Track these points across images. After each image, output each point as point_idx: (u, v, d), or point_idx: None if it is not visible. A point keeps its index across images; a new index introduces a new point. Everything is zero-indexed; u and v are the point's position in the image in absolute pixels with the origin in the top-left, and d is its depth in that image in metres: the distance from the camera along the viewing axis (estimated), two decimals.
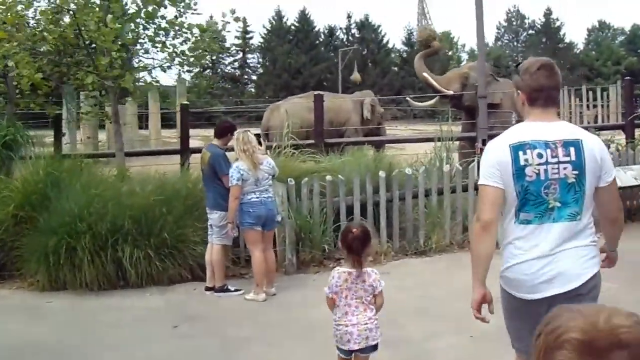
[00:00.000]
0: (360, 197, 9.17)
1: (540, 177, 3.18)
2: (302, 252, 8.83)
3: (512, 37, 72.30)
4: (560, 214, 3.20)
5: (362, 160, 9.84)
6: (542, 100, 3.28)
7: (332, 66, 59.27)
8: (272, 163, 7.76)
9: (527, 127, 3.30)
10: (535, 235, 3.23)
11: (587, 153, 3.18)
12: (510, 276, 3.32)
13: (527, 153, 3.17)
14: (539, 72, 3.30)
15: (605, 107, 32.70)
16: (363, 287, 4.21)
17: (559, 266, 3.19)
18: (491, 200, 3.26)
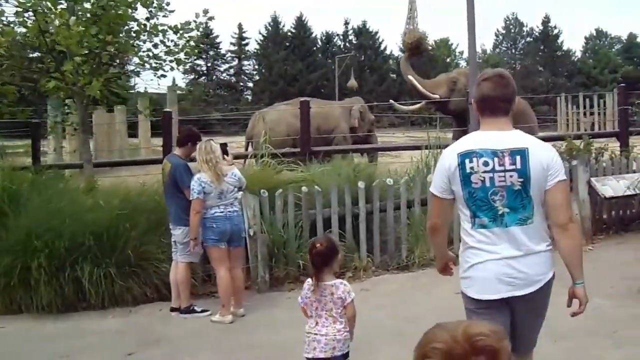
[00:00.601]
0: (339, 210, 8.69)
1: (485, 184, 3.30)
2: (276, 268, 8.35)
3: (510, 44, 71.67)
4: (511, 218, 3.32)
5: (343, 170, 9.34)
6: (488, 110, 3.40)
7: (329, 73, 58.78)
8: (238, 174, 7.27)
9: (477, 136, 3.42)
10: (492, 239, 3.35)
11: (533, 161, 3.28)
12: (469, 278, 3.44)
13: (473, 161, 3.30)
14: (484, 84, 3.43)
15: (602, 115, 32.54)
16: (332, 299, 4.21)
17: (519, 270, 3.31)
18: (437, 207, 3.54)
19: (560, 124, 33.38)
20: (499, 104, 3.41)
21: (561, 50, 68.51)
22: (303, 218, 8.61)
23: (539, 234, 3.38)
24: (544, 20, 68.63)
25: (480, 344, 1.44)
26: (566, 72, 65.93)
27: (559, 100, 36.05)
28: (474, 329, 1.47)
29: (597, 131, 25.73)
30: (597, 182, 9.76)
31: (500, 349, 1.46)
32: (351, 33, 66.30)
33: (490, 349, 1.44)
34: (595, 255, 9.02)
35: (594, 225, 9.92)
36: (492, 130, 3.38)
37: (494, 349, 1.45)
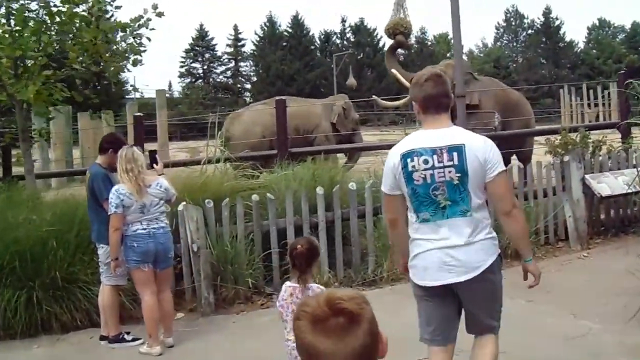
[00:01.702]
0: (295, 219, 7.65)
1: (426, 180, 3.48)
2: (223, 288, 7.31)
3: (511, 37, 70.87)
4: (452, 210, 3.49)
5: (305, 174, 8.27)
6: (432, 108, 3.56)
7: (328, 72, 58.01)
8: (164, 185, 6.20)
9: (418, 136, 3.59)
10: (435, 230, 3.53)
11: (469, 156, 3.44)
12: (416, 265, 3.61)
13: (414, 160, 3.49)
14: (427, 83, 3.57)
15: (606, 105, 31.53)
16: None
17: (460, 257, 3.47)
18: (389, 205, 3.77)
19: (564, 116, 32.33)
20: (442, 100, 3.58)
21: (563, 41, 67.79)
22: (254, 230, 7.58)
23: (478, 224, 3.52)
24: (545, 12, 67.97)
25: (338, 306, 1.58)
26: (569, 63, 64.94)
27: (562, 92, 35.12)
28: (335, 294, 1.63)
29: (594, 123, 24.60)
30: (593, 180, 8.67)
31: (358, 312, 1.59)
32: (349, 31, 65.33)
33: (348, 312, 1.57)
34: (590, 263, 7.94)
35: (590, 228, 8.84)
36: (432, 128, 3.56)
37: (351, 311, 1.58)
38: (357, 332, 1.56)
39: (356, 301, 1.61)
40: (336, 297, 1.60)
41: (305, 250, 4.12)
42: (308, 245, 4.19)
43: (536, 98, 49.42)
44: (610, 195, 8.56)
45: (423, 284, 3.60)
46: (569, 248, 8.56)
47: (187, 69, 63.05)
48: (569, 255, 8.34)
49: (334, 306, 1.57)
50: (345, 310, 1.57)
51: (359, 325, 1.57)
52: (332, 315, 1.56)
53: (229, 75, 64.77)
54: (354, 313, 1.57)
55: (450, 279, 3.50)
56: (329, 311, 1.57)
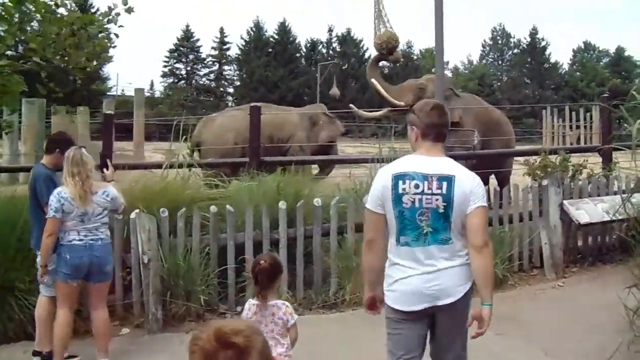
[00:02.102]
0: (255, 234, 7.17)
1: (415, 205, 3.54)
2: (173, 304, 6.81)
3: (497, 55, 71.01)
4: (434, 238, 3.56)
5: (270, 186, 7.80)
6: (432, 136, 3.65)
7: (312, 80, 57.62)
8: (112, 193, 5.67)
9: (412, 160, 3.65)
10: (415, 256, 3.57)
11: (457, 188, 3.53)
12: (395, 290, 3.63)
13: (405, 183, 3.56)
14: (432, 112, 3.67)
15: (588, 128, 31.31)
16: (273, 320, 4.05)
17: (438, 283, 3.53)
18: (372, 223, 3.69)
19: (546, 137, 32.10)
20: (443, 130, 3.69)
21: (548, 62, 68.03)
22: (210, 243, 7.09)
23: (457, 251, 3.59)
24: (532, 32, 68.16)
25: (226, 340, 1.62)
26: (553, 84, 65.15)
27: (545, 113, 34.90)
28: (223, 328, 1.66)
29: (575, 145, 24.36)
30: (571, 206, 8.26)
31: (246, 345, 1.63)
32: (335, 40, 64.97)
33: (236, 345, 1.62)
34: (565, 293, 7.52)
35: (566, 255, 8.43)
36: (427, 155, 3.63)
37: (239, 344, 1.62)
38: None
39: (244, 334, 1.65)
40: (224, 332, 1.64)
41: (268, 266, 4.07)
42: (271, 261, 4.14)
43: (519, 117, 49.37)
44: (588, 222, 8.16)
45: (403, 308, 3.61)
46: (543, 276, 8.13)
47: (170, 69, 62.46)
48: (543, 284, 7.91)
49: (222, 340, 1.62)
50: (234, 344, 1.62)
51: (248, 357, 1.62)
52: (221, 349, 1.61)
53: (212, 78, 64.19)
54: (241, 346, 1.62)
55: (430, 303, 3.54)
56: (217, 345, 1.62)
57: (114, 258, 6.56)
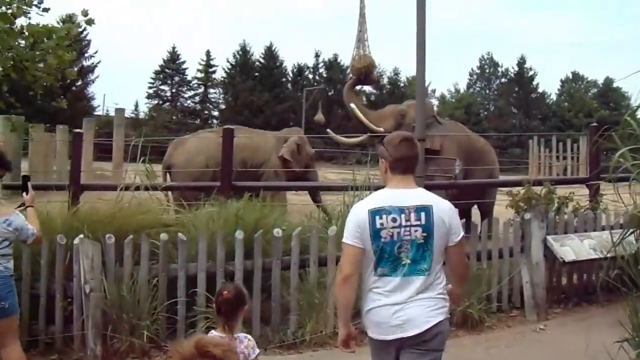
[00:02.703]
0: (208, 265, 6.54)
1: (393, 238, 3.54)
2: (115, 338, 6.17)
3: (484, 84, 70.45)
4: (411, 269, 3.56)
5: (230, 213, 7.17)
6: (401, 168, 3.67)
7: (297, 106, 57.08)
8: (16, 223, 4.94)
9: (386, 194, 3.67)
10: (391, 285, 3.57)
11: (436, 217, 3.56)
12: (369, 318, 3.66)
13: (382, 217, 3.55)
14: (401, 144, 3.68)
15: (575, 159, 31.17)
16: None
17: (408, 313, 3.53)
18: (351, 257, 3.63)
19: (532, 167, 31.85)
20: (413, 162, 3.74)
21: (536, 92, 67.35)
22: (159, 274, 6.46)
23: (433, 282, 3.59)
24: (520, 62, 67.70)
25: (204, 349, 1.74)
26: (540, 114, 64.89)
27: (532, 143, 34.76)
28: (203, 339, 1.81)
29: (562, 177, 23.94)
30: (556, 242, 7.67)
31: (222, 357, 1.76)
32: (322, 66, 64.61)
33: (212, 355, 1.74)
34: (547, 338, 6.90)
35: (549, 295, 7.83)
36: (400, 188, 3.65)
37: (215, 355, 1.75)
38: None
39: (222, 348, 1.80)
40: (204, 342, 1.79)
41: (232, 297, 3.90)
42: (235, 291, 3.98)
43: (505, 147, 49.03)
44: (574, 260, 7.56)
45: (375, 337, 3.65)
46: (524, 318, 7.50)
47: (155, 90, 61.80)
48: (524, 326, 7.28)
49: (201, 349, 1.75)
50: (210, 353, 1.74)
51: None
52: (198, 357, 1.74)
53: (197, 101, 63.26)
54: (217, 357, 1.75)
55: (399, 333, 3.53)
56: (196, 353, 1.74)
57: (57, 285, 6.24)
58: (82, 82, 54.34)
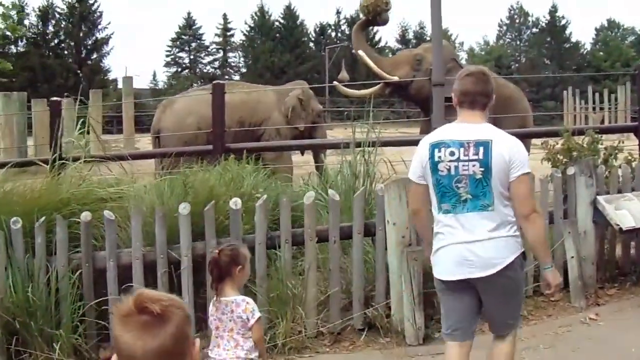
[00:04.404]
0: (146, 251, 4.96)
1: (450, 172, 3.49)
2: (26, 352, 4.70)
3: (514, 35, 68.03)
4: (473, 205, 3.48)
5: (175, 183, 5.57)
6: (467, 103, 3.59)
7: (320, 65, 55.49)
8: None
9: (449, 128, 3.64)
10: (456, 223, 3.51)
11: (495, 152, 3.44)
12: (437, 259, 3.62)
13: (441, 151, 3.52)
14: (465, 78, 3.62)
15: (612, 111, 29.68)
16: (232, 318, 3.59)
17: (477, 252, 3.45)
18: (415, 194, 3.77)
19: (567, 120, 30.21)
20: (478, 98, 3.58)
21: (569, 42, 64.83)
22: (82, 264, 4.89)
23: (499, 220, 3.48)
24: (551, 10, 64.98)
25: (143, 305, 1.60)
26: (574, 65, 62.40)
27: (566, 95, 33.32)
28: (143, 294, 1.64)
29: (606, 125, 22.10)
30: (609, 204, 5.87)
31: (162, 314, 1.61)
32: (344, 23, 62.66)
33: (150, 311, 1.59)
34: (600, 334, 5.22)
35: (601, 272, 6.11)
36: (464, 122, 3.59)
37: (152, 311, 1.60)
38: (158, 333, 1.60)
39: (163, 303, 1.64)
40: (144, 297, 1.64)
41: (218, 256, 3.63)
42: (226, 251, 3.67)
43: (538, 100, 47.05)
44: (633, 228, 5.80)
45: (444, 278, 3.60)
46: (568, 304, 5.74)
47: (173, 58, 60.76)
48: (568, 316, 5.55)
49: (139, 304, 1.62)
50: (148, 309, 1.61)
51: (162, 326, 1.61)
52: (135, 313, 1.61)
53: (217, 66, 62.09)
54: (156, 313, 1.61)
55: (468, 274, 3.49)
56: (134, 309, 1.62)
57: None
58: (97, 55, 53.36)
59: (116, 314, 1.65)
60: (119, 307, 1.65)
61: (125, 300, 1.65)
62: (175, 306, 1.66)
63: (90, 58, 53.17)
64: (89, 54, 53.58)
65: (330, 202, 5.17)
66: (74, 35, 52.00)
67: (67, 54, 52.59)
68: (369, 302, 5.27)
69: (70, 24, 52.26)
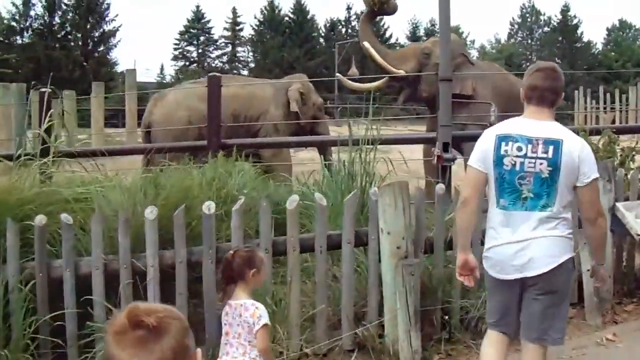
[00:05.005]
0: (108, 260, 4.41)
1: (515, 167, 3.43)
2: None
3: (526, 34, 67.96)
4: (533, 204, 3.42)
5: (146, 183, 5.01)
6: (535, 99, 3.53)
7: (330, 61, 55.09)
8: None
9: (517, 122, 3.56)
10: (511, 221, 3.45)
11: (565, 153, 3.38)
12: (489, 257, 3.56)
13: (508, 144, 3.44)
14: (536, 74, 3.56)
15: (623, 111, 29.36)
16: (240, 322, 3.41)
17: (531, 252, 3.39)
18: (472, 180, 3.62)
19: (578, 120, 29.80)
20: (546, 94, 3.52)
21: (581, 41, 64.59)
22: (35, 274, 4.34)
23: (557, 220, 3.42)
24: (563, 9, 64.84)
25: (136, 319, 1.52)
26: (586, 65, 61.86)
27: (577, 94, 32.97)
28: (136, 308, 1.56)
29: (622, 125, 21.64)
30: (629, 211, 5.29)
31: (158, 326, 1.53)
32: (354, 19, 62.25)
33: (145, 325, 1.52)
34: (617, 354, 4.63)
35: (618, 287, 5.54)
36: (532, 118, 3.52)
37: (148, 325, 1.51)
38: (154, 347, 1.53)
39: (158, 315, 1.56)
40: (137, 311, 1.56)
41: (230, 258, 3.48)
42: (240, 253, 3.52)
43: None
44: None
45: (495, 275, 3.55)
46: (583, 322, 5.16)
47: (181, 52, 60.46)
48: (583, 336, 4.97)
49: (132, 319, 1.54)
50: (143, 323, 1.53)
51: (159, 340, 1.54)
52: (130, 328, 1.54)
53: (225, 61, 61.86)
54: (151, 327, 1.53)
55: (521, 273, 3.43)
56: (127, 324, 1.54)
57: None
58: (103, 47, 52.93)
59: (109, 331, 1.57)
60: (112, 324, 1.58)
61: (117, 316, 1.58)
62: (172, 317, 1.58)
63: (97, 50, 52.73)
64: (96, 46, 53.10)
65: (317, 207, 4.59)
66: (81, 26, 51.50)
67: (74, 45, 52.10)
68: (359, 320, 4.70)
69: (77, 16, 51.75)
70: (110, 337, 1.55)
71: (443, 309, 4.80)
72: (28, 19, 50.31)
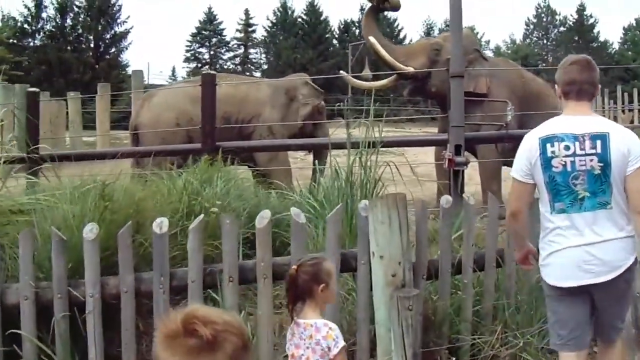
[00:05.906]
0: (40, 289, 3.65)
1: (566, 168, 3.31)
2: None
3: (541, 34, 67.32)
4: (592, 203, 3.30)
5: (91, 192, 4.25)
6: (573, 93, 3.43)
7: (343, 62, 54.65)
8: None
9: (559, 121, 3.44)
10: (570, 224, 3.32)
11: (613, 146, 3.27)
12: (550, 264, 3.40)
13: (554, 145, 3.32)
14: (572, 67, 3.47)
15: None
16: (309, 344, 3.00)
17: (598, 255, 3.26)
18: (518, 193, 3.48)
19: None
20: (585, 87, 3.42)
21: (597, 41, 64.18)
22: None
23: (618, 218, 3.31)
24: (579, 9, 64.44)
25: (191, 327, 1.44)
26: (602, 64, 61.33)
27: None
28: (194, 312, 1.48)
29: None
30: None
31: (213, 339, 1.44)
32: None
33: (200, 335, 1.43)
34: None
35: None
36: (574, 114, 3.41)
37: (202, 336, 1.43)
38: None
39: (216, 327, 1.46)
40: (194, 317, 1.47)
41: (295, 273, 3.02)
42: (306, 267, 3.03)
43: None
44: None
45: (560, 284, 3.35)
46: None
47: (192, 53, 60.38)
48: None
49: (187, 326, 1.45)
50: (197, 333, 1.44)
51: (211, 354, 1.45)
52: (183, 334, 1.45)
53: (238, 62, 61.59)
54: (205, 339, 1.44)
55: (588, 279, 3.26)
56: (181, 329, 1.45)
57: None
58: (115, 50, 52.72)
59: (161, 330, 1.48)
60: (165, 324, 1.48)
61: (173, 317, 1.48)
62: (231, 332, 1.48)
63: (109, 52, 52.57)
64: (107, 48, 52.94)
65: (294, 226, 3.76)
66: (92, 29, 51.32)
67: (85, 48, 51.91)
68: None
69: (88, 18, 51.55)
70: (161, 338, 1.48)
71: (450, 349, 3.98)
72: (40, 21, 50.18)
